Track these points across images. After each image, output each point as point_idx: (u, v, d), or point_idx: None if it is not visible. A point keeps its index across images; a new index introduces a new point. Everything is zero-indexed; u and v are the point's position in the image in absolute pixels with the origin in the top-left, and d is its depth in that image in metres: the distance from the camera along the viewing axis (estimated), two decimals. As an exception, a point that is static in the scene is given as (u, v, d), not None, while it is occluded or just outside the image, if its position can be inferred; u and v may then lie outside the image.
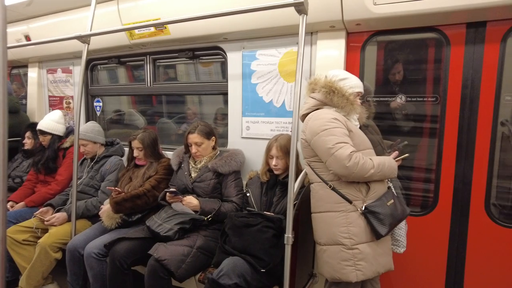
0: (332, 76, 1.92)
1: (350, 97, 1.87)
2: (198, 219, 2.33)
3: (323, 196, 1.87)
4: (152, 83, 3.42)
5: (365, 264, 1.75)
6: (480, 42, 2.18)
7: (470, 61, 2.22)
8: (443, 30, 2.26)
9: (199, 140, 2.52)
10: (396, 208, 1.80)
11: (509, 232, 2.21)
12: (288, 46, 2.63)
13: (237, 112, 2.88)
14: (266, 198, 2.33)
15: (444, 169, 2.32)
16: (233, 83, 2.88)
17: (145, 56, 3.39)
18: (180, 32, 2.85)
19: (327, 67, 2.35)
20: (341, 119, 1.82)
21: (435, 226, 2.37)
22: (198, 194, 2.48)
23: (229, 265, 1.92)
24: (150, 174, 2.74)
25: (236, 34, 2.72)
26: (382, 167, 1.76)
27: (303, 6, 1.80)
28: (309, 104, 1.96)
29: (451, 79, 2.27)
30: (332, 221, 1.81)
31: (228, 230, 2.13)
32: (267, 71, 2.73)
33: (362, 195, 1.79)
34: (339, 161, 1.70)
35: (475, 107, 2.22)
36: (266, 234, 2.01)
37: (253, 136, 2.83)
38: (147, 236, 2.34)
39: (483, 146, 2.22)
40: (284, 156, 2.26)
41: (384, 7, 2.13)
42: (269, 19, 2.44)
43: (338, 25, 2.35)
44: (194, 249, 2.22)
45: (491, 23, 2.14)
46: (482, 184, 2.24)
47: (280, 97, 2.71)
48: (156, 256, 2.09)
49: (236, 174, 2.56)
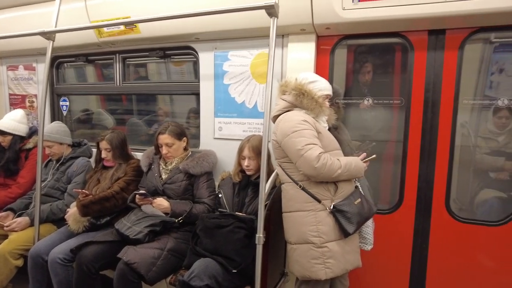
0: (302, 79, 1.96)
1: (319, 99, 1.92)
2: (169, 221, 2.30)
3: (293, 196, 1.91)
4: (121, 82, 3.33)
5: (334, 262, 1.80)
6: (441, 49, 2.30)
7: (432, 66, 2.33)
8: (407, 36, 2.37)
9: (170, 141, 2.48)
10: (363, 207, 1.87)
11: (467, 228, 2.35)
12: (260, 48, 2.66)
13: (209, 113, 2.87)
14: (238, 198, 2.33)
15: (409, 169, 2.43)
16: (205, 83, 2.87)
17: (115, 54, 3.31)
18: (150, 31, 2.80)
19: (298, 70, 2.39)
20: (311, 121, 1.86)
21: (401, 224, 2.48)
22: (168, 196, 2.45)
23: (200, 266, 1.91)
24: (119, 176, 2.67)
25: (208, 35, 2.71)
26: (349, 167, 1.82)
27: (274, 9, 1.83)
28: (280, 106, 1.99)
29: (415, 83, 2.37)
30: (302, 220, 1.85)
31: (200, 231, 2.12)
32: (239, 72, 2.74)
33: (331, 194, 1.84)
34: (308, 162, 1.74)
35: (437, 110, 2.34)
36: (237, 234, 2.02)
37: (225, 136, 2.83)
38: (116, 240, 2.28)
39: (444, 146, 2.34)
40: (256, 156, 2.28)
41: (352, 12, 2.20)
42: (241, 21, 2.46)
43: (308, 29, 2.40)
44: (164, 251, 2.19)
45: (450, 31, 2.27)
46: (443, 183, 2.37)
47: (252, 98, 2.73)
48: (126, 259, 2.04)
49: (208, 175, 2.55)
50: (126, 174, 2.67)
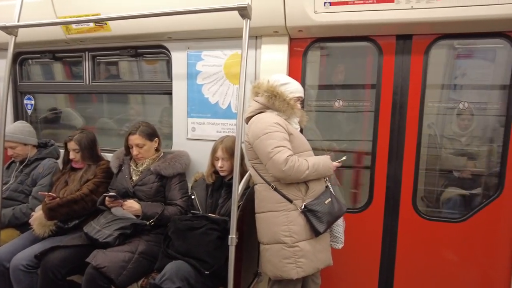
0: (274, 81, 1.98)
1: (290, 101, 1.94)
2: (140, 224, 2.26)
3: (266, 196, 1.92)
4: (91, 81, 3.22)
5: (305, 261, 1.83)
6: (408, 53, 2.40)
7: (400, 70, 2.42)
8: (377, 40, 2.44)
9: (141, 142, 2.43)
10: (333, 206, 1.91)
11: (432, 225, 2.46)
12: (233, 49, 2.65)
13: (182, 113, 2.83)
14: (212, 200, 2.32)
15: (378, 169, 2.51)
16: (177, 83, 2.83)
17: (84, 52, 3.19)
18: (121, 29, 2.73)
19: (271, 71, 2.41)
20: (282, 123, 1.88)
21: (370, 222, 2.55)
22: (139, 198, 2.40)
23: (172, 269, 1.89)
24: (88, 178, 2.59)
25: (181, 34, 2.68)
26: (317, 167, 1.86)
27: (246, 10, 1.83)
28: (253, 108, 2.00)
29: (384, 85, 2.45)
30: (274, 220, 1.87)
31: (171, 234, 2.09)
32: (212, 72, 2.73)
33: (302, 194, 1.87)
34: (276, 165, 1.76)
35: (404, 112, 2.43)
36: (210, 236, 2.01)
37: (199, 137, 2.80)
38: (85, 244, 2.21)
39: (411, 147, 2.44)
40: (230, 157, 2.27)
41: (324, 16, 2.24)
42: (214, 21, 2.44)
43: (281, 31, 2.43)
44: (136, 254, 2.15)
45: (416, 36, 2.36)
46: (410, 183, 2.46)
47: (226, 98, 2.72)
48: (95, 263, 1.99)
49: (181, 177, 2.52)
50: (96, 176, 2.59)
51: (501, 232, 2.33)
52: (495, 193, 2.34)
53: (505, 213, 2.31)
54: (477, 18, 2.05)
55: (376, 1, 2.15)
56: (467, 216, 2.40)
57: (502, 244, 2.33)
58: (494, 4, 1.99)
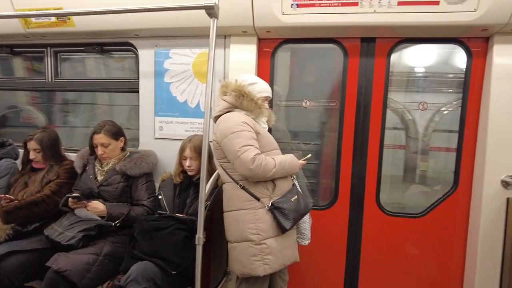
0: (242, 81, 1.99)
1: (258, 101, 1.97)
2: (105, 225, 2.20)
3: (234, 195, 1.93)
4: (53, 78, 3.09)
5: (272, 258, 1.86)
6: (371, 56, 2.49)
7: (364, 71, 2.51)
8: (342, 42, 2.52)
9: (106, 141, 2.37)
10: (300, 203, 1.95)
11: (394, 220, 2.57)
12: (202, 47, 2.64)
13: (149, 112, 2.78)
14: (180, 200, 2.30)
15: (343, 167, 2.59)
16: (145, 81, 2.78)
17: (45, 47, 3.06)
18: (86, 25, 2.64)
19: (240, 71, 2.43)
20: (250, 122, 1.90)
21: (336, 219, 2.63)
22: (105, 198, 2.34)
23: (138, 270, 1.85)
24: (50, 179, 2.49)
25: (148, 32, 2.63)
26: (284, 165, 1.89)
27: (213, 10, 1.82)
28: (221, 107, 2.01)
29: (349, 86, 2.54)
30: (241, 218, 1.89)
31: (137, 234, 2.05)
32: (181, 70, 2.70)
33: (269, 192, 1.89)
34: (243, 163, 1.78)
35: (368, 112, 2.52)
36: (177, 236, 1.99)
37: (166, 136, 2.77)
38: (46, 247, 2.13)
39: (374, 146, 2.54)
40: (198, 157, 2.26)
41: (291, 18, 2.29)
42: (182, 19, 2.42)
43: (249, 31, 2.44)
44: (100, 256, 2.09)
45: (379, 39, 2.46)
46: (374, 180, 2.56)
47: (194, 97, 2.70)
48: (55, 267, 1.91)
49: (148, 177, 2.47)
50: (59, 176, 2.49)
51: (457, 225, 2.48)
52: (451, 189, 2.49)
53: (460, 207, 2.46)
54: (435, 24, 2.17)
55: (341, 4, 2.23)
56: (425, 211, 2.53)
57: (457, 236, 2.48)
58: (450, 12, 2.12)
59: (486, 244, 2.27)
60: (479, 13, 2.08)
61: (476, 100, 2.37)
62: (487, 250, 2.27)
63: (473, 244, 2.36)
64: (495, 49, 2.24)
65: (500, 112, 2.22)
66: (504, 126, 2.22)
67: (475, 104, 2.38)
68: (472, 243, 2.39)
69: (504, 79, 2.22)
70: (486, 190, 2.25)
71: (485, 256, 2.28)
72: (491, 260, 2.27)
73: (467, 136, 2.41)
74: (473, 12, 2.09)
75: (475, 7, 2.08)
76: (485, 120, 2.28)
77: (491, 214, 2.25)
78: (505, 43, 2.23)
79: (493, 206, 2.24)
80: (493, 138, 2.23)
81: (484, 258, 2.28)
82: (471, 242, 2.40)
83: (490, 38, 2.29)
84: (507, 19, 2.06)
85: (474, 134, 2.39)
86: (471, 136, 2.40)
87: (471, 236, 2.41)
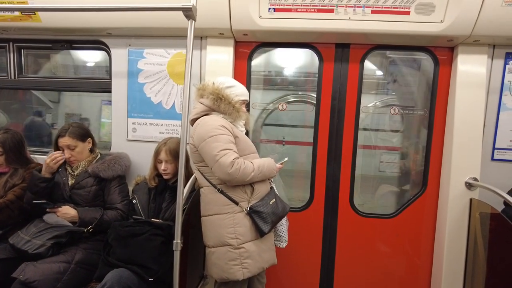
0: (219, 83, 1.97)
1: (236, 104, 1.96)
2: (77, 231, 2.11)
3: (211, 199, 1.91)
4: (17, 75, 2.92)
5: (251, 262, 1.86)
6: (346, 61, 2.56)
7: (338, 76, 2.58)
8: (318, 47, 2.57)
9: (72, 143, 2.27)
10: (278, 207, 1.96)
11: (367, 221, 2.66)
12: (177, 48, 2.60)
13: (121, 113, 2.70)
14: (155, 204, 2.24)
15: (318, 170, 2.64)
16: (117, 81, 2.69)
17: (7, 42, 2.88)
18: (53, 21, 2.51)
19: (217, 72, 2.42)
20: (228, 126, 1.88)
21: (312, 220, 2.68)
22: (76, 202, 2.24)
23: (114, 277, 1.79)
24: (15, 183, 2.35)
25: (122, 30, 2.55)
26: (262, 169, 1.90)
27: (191, 12, 1.80)
28: (198, 110, 1.98)
29: (324, 91, 2.59)
30: (220, 223, 1.87)
31: (112, 241, 1.98)
32: (155, 71, 2.64)
33: (248, 196, 1.89)
34: (222, 168, 1.77)
35: (342, 116, 2.59)
36: (154, 242, 1.94)
37: (140, 138, 2.69)
38: (11, 257, 2.01)
39: (348, 149, 2.61)
40: (173, 160, 2.22)
41: (268, 21, 2.31)
42: (158, 19, 2.38)
43: (226, 33, 2.44)
44: (72, 264, 2.01)
45: (353, 45, 2.54)
46: (347, 182, 2.64)
47: (170, 99, 2.65)
48: (23, 278, 1.81)
49: (121, 179, 2.40)
50: (24, 180, 2.35)
51: (425, 224, 2.60)
52: (420, 190, 2.61)
53: (428, 208, 2.59)
54: (405, 33, 2.27)
55: (317, 10, 2.27)
56: (397, 212, 2.63)
57: (426, 235, 2.61)
58: (419, 22, 2.22)
59: (452, 241, 2.40)
60: (445, 24, 2.20)
61: (443, 105, 2.50)
62: (453, 247, 2.40)
63: (440, 241, 2.48)
64: (459, 58, 2.38)
65: (464, 116, 2.36)
66: (468, 130, 2.36)
67: (442, 109, 2.51)
68: (439, 240, 2.52)
69: (467, 86, 2.36)
70: (452, 191, 2.38)
71: (451, 253, 2.40)
72: (457, 256, 2.40)
73: (435, 140, 2.54)
74: (440, 23, 2.21)
75: (441, 19, 2.20)
76: (450, 124, 2.41)
77: (456, 213, 2.38)
78: (468, 53, 2.38)
79: (458, 206, 2.37)
80: (458, 141, 2.36)
81: (450, 254, 2.41)
82: (439, 239, 2.53)
83: (455, 48, 2.43)
84: (470, 31, 2.20)
85: (441, 138, 2.52)
86: (438, 139, 2.53)
87: (439, 234, 2.53)
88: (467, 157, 2.36)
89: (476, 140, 2.35)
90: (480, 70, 2.36)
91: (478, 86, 2.35)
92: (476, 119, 2.35)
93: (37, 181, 2.19)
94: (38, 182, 2.18)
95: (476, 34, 2.21)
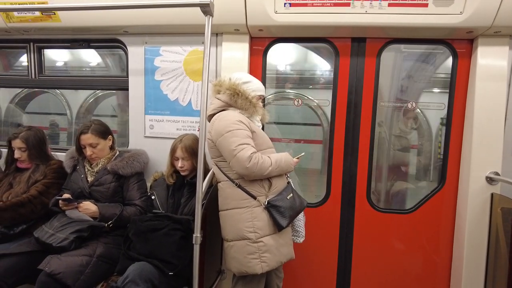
0: (235, 79, 1.98)
1: (252, 100, 1.97)
2: (98, 226, 2.15)
3: (230, 194, 1.93)
4: (37, 75, 2.99)
5: (269, 256, 1.87)
6: (362, 55, 2.54)
7: (354, 70, 2.56)
8: (333, 41, 2.55)
9: (94, 141, 2.31)
10: (295, 201, 1.97)
11: (384, 216, 2.64)
12: (193, 45, 2.62)
13: (139, 110, 2.74)
14: (173, 200, 2.27)
15: (335, 165, 2.63)
16: (134, 78, 2.73)
17: (28, 43, 2.95)
18: (72, 20, 2.56)
19: (232, 69, 2.43)
20: (245, 121, 1.90)
21: (328, 216, 2.67)
22: (96, 199, 2.29)
23: (135, 270, 1.82)
24: (37, 179, 2.41)
25: (138, 28, 2.58)
26: (279, 163, 1.91)
27: (209, 7, 1.81)
28: (215, 105, 1.99)
29: (340, 85, 2.57)
30: (238, 217, 1.89)
31: (132, 236, 2.01)
32: (171, 68, 2.66)
33: (265, 190, 1.90)
34: (240, 162, 1.78)
35: (358, 110, 2.57)
36: (173, 237, 1.97)
37: (157, 135, 2.73)
38: (36, 250, 2.06)
39: (365, 144, 2.59)
40: (190, 157, 2.24)
41: (284, 16, 2.30)
42: (174, 16, 2.39)
43: (242, 29, 2.44)
44: (94, 258, 2.05)
45: (370, 39, 2.51)
46: (364, 177, 2.62)
47: (186, 95, 2.67)
48: (48, 270, 1.85)
49: (139, 176, 2.43)
50: (46, 176, 2.42)
51: (444, 220, 2.56)
52: (438, 185, 2.57)
53: (447, 203, 2.55)
54: (423, 26, 2.23)
55: (333, 4, 2.25)
56: (414, 207, 2.60)
57: (445, 231, 2.57)
58: (438, 14, 2.18)
59: (472, 237, 2.36)
60: (465, 16, 2.16)
61: (462, 99, 2.46)
62: (473, 244, 2.36)
63: (460, 238, 2.44)
64: (479, 50, 2.33)
65: (484, 110, 2.31)
66: (488, 124, 2.31)
67: (461, 103, 2.46)
68: (459, 237, 2.48)
69: (488, 79, 2.31)
70: (472, 186, 2.33)
71: (471, 250, 2.36)
72: (477, 253, 2.35)
73: (454, 134, 2.49)
74: (459, 15, 2.17)
75: (461, 10, 2.15)
76: (470, 118, 2.36)
77: (477, 209, 2.33)
78: (489, 45, 2.32)
79: (479, 201, 2.33)
80: (478, 135, 2.32)
81: (471, 251, 2.36)
82: (458, 236, 2.49)
83: (475, 40, 2.38)
84: (491, 22, 2.15)
85: (460, 132, 2.48)
86: (457, 134, 2.48)
87: (458, 230, 2.49)
88: (488, 151, 2.31)
89: (497, 134, 2.30)
90: (501, 63, 2.30)
91: (499, 79, 2.30)
92: (497, 112, 2.30)
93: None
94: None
95: (497, 25, 2.15)
